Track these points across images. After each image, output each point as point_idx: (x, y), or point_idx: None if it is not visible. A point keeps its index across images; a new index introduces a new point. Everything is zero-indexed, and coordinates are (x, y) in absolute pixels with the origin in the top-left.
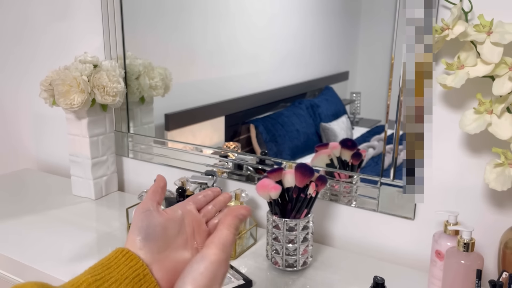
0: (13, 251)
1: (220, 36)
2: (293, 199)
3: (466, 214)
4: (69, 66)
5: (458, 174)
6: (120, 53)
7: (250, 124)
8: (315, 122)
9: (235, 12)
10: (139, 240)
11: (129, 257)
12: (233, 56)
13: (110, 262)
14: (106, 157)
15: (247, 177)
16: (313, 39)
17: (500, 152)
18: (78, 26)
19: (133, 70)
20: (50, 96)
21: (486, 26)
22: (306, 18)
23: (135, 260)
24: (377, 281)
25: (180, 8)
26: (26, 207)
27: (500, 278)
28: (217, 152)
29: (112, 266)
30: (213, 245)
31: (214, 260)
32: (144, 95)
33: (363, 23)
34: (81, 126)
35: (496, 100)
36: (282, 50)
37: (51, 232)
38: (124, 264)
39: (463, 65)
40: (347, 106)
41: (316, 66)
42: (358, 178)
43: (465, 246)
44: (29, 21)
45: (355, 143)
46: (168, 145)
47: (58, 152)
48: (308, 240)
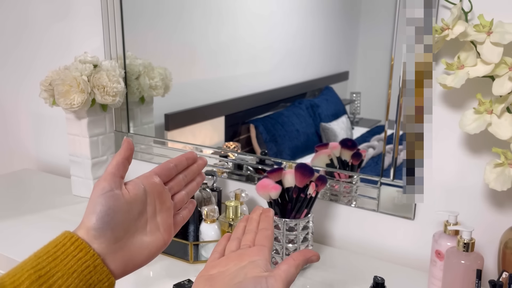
0: (13, 251)
1: (220, 36)
2: (293, 199)
3: (466, 214)
4: (69, 66)
5: (458, 174)
6: (120, 53)
7: (250, 124)
8: (315, 122)
9: (235, 12)
10: (94, 229)
11: (78, 247)
12: (233, 56)
13: (57, 251)
14: (106, 157)
15: (247, 177)
16: (313, 39)
17: (500, 152)
18: (78, 26)
19: (133, 70)
20: (50, 96)
21: (486, 26)
22: (306, 18)
23: (85, 250)
24: (377, 281)
25: (180, 8)
26: (25, 207)
27: (500, 278)
28: (217, 152)
29: (59, 257)
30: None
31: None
32: (144, 95)
33: (363, 23)
34: (81, 126)
35: (496, 100)
36: (282, 50)
37: (51, 232)
38: (72, 255)
39: (463, 65)
40: (347, 106)
41: (316, 66)
42: (358, 178)
43: (465, 246)
44: (29, 21)
45: (355, 143)
46: (168, 145)
47: (58, 152)
48: (308, 240)
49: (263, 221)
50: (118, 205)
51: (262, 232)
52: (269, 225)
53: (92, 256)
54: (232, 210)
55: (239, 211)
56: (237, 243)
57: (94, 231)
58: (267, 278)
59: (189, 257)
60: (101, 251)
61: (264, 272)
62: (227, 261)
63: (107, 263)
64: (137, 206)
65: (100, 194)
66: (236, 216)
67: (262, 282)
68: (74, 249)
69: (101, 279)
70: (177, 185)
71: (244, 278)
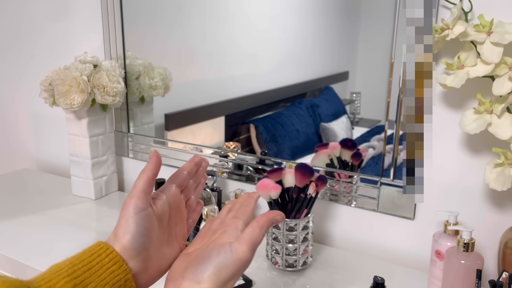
0: (13, 251)
1: (221, 36)
2: (293, 199)
3: (466, 214)
4: (69, 66)
5: (458, 174)
6: (120, 53)
7: (250, 124)
8: (315, 122)
9: (235, 12)
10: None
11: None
12: (233, 56)
13: (92, 261)
14: (106, 157)
15: (247, 177)
16: (313, 39)
17: (500, 152)
18: (78, 26)
19: (133, 70)
20: (50, 96)
21: (486, 26)
22: (306, 18)
23: (119, 263)
24: (377, 281)
25: (180, 8)
26: (26, 207)
27: (500, 278)
28: (217, 152)
29: (94, 267)
30: (245, 242)
31: (242, 257)
32: (144, 95)
33: (363, 23)
34: (81, 126)
35: (496, 100)
36: (282, 50)
37: (51, 232)
38: (106, 267)
39: (463, 65)
40: (347, 106)
41: (316, 66)
42: (358, 178)
43: (465, 246)
44: (28, 21)
45: (355, 143)
46: (168, 145)
47: (58, 152)
48: (308, 240)
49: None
50: (151, 224)
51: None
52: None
53: (124, 271)
54: None
55: None
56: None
57: (131, 251)
58: (232, 243)
59: None
60: (135, 269)
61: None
62: (203, 238)
63: (137, 279)
64: (164, 221)
65: (134, 213)
66: None
67: (226, 247)
68: (108, 261)
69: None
70: (188, 192)
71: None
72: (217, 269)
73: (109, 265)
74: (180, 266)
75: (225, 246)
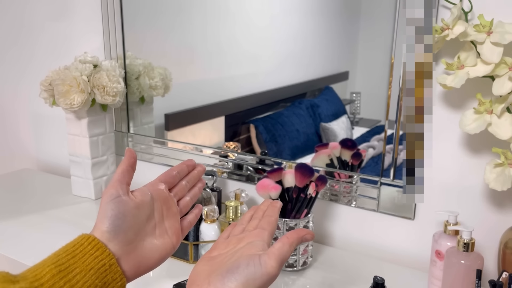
0: (13, 251)
1: (221, 36)
2: (293, 199)
3: (466, 214)
4: (69, 66)
5: (458, 174)
6: (120, 53)
7: (250, 124)
8: (315, 122)
9: (235, 12)
10: (108, 232)
11: (95, 246)
12: (233, 56)
13: (75, 250)
14: (106, 157)
15: (247, 177)
16: (313, 39)
17: (500, 152)
18: (78, 26)
19: (133, 70)
20: (50, 96)
21: (486, 26)
22: (306, 18)
23: (101, 249)
24: (377, 281)
25: (181, 8)
26: (25, 207)
27: (500, 278)
28: (217, 152)
29: (77, 255)
30: (274, 258)
31: (270, 272)
32: (144, 95)
33: (363, 23)
34: (81, 126)
35: (496, 100)
36: (282, 50)
37: (51, 232)
38: (90, 254)
39: (463, 65)
40: (347, 106)
41: (316, 66)
42: (358, 178)
43: (465, 246)
44: (28, 21)
45: (355, 143)
46: (168, 145)
47: (57, 152)
48: (308, 240)
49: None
50: (127, 210)
51: (265, 218)
52: (274, 213)
53: (108, 256)
54: (232, 210)
55: (239, 211)
56: (241, 229)
57: (108, 233)
58: (261, 256)
59: (189, 257)
60: (115, 252)
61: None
62: (228, 244)
63: (121, 263)
64: (145, 211)
65: (109, 200)
66: (236, 216)
67: (255, 259)
68: (91, 248)
69: (115, 278)
70: (181, 191)
71: (239, 257)
72: (245, 280)
73: (92, 251)
74: (204, 270)
75: (254, 259)
